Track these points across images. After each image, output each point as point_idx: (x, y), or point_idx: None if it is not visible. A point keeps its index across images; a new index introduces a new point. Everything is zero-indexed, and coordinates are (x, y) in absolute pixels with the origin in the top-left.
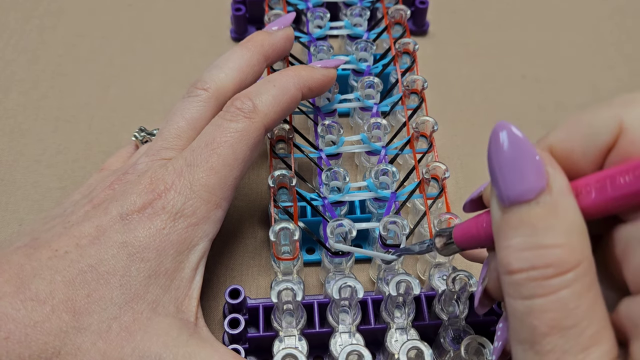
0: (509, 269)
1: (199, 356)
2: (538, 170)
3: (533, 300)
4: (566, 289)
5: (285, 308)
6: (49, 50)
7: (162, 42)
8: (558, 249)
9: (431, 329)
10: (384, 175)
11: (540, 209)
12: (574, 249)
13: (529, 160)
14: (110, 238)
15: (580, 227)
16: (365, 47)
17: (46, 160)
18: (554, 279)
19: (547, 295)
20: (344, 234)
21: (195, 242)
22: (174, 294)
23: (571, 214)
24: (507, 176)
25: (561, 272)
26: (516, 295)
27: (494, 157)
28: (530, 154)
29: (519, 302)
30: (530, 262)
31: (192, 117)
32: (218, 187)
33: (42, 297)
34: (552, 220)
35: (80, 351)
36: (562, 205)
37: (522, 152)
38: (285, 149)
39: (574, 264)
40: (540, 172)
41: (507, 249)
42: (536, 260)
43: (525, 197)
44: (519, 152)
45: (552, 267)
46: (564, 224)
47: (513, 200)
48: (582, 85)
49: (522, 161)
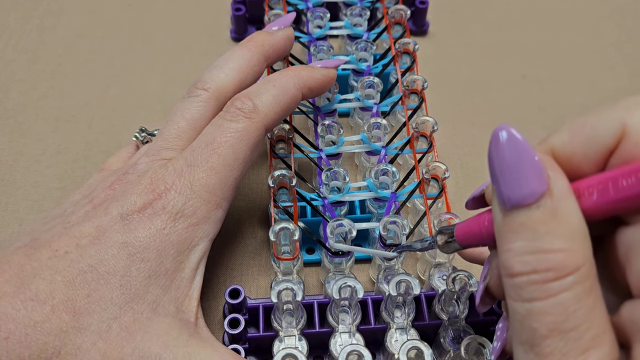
0: (510, 271)
1: (199, 356)
2: (539, 174)
3: (533, 303)
4: (566, 292)
5: (285, 308)
6: (49, 50)
7: (162, 42)
8: (559, 253)
9: (431, 329)
10: (384, 175)
11: (541, 213)
12: (575, 253)
13: (529, 163)
14: (111, 238)
15: (581, 230)
16: (365, 47)
17: (46, 160)
18: (554, 282)
19: (547, 298)
20: (344, 234)
21: (195, 242)
22: (174, 294)
23: (572, 218)
24: (507, 180)
25: (561, 275)
26: (517, 298)
27: (495, 160)
28: (530, 158)
29: (520, 304)
30: (531, 266)
31: (192, 117)
32: (218, 187)
33: (42, 297)
34: (552, 225)
35: (81, 351)
36: (563, 209)
37: (523, 156)
38: (285, 149)
39: (574, 267)
40: (541, 175)
41: (509, 252)
42: (537, 264)
43: (526, 201)
44: (520, 155)
45: (552, 271)
46: (564, 228)
47: (514, 204)
48: (582, 85)
49: (522, 165)
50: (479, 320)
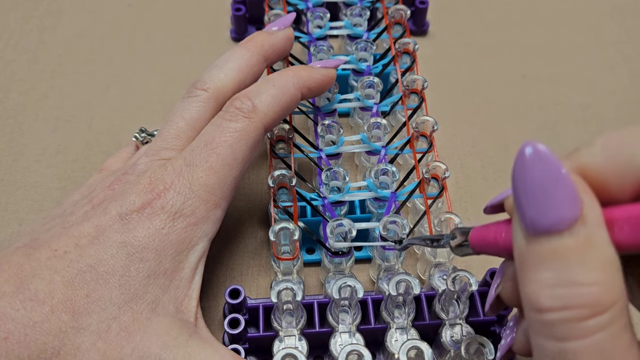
0: (538, 306)
1: (199, 356)
2: (571, 198)
3: (566, 343)
4: (602, 331)
5: (285, 308)
6: (49, 50)
7: (162, 42)
8: (594, 287)
9: (431, 328)
10: (383, 175)
11: (574, 242)
12: (610, 286)
13: (560, 185)
14: (110, 238)
15: (615, 262)
16: (365, 47)
17: (46, 160)
18: (590, 320)
19: (582, 338)
20: (344, 234)
21: (194, 242)
22: (174, 294)
23: (606, 248)
24: (534, 203)
25: (597, 312)
26: (547, 335)
27: (520, 180)
28: (562, 178)
29: (550, 342)
30: (564, 301)
31: (191, 117)
32: (217, 187)
33: (42, 297)
34: (586, 255)
35: (80, 351)
36: (598, 238)
37: (553, 176)
38: (285, 149)
39: (610, 303)
40: (574, 199)
41: (535, 284)
42: (570, 299)
43: (557, 228)
44: (549, 175)
45: (587, 307)
46: (599, 258)
47: (541, 231)
48: (582, 85)
49: (552, 186)
50: (480, 320)
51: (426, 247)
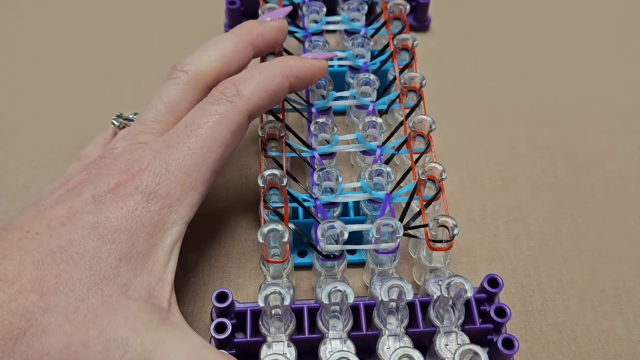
0: None
1: (168, 342)
2: None
3: None
4: None
5: (274, 313)
6: (42, 47)
7: (156, 36)
8: None
9: (426, 336)
10: (378, 176)
11: None
12: None
13: None
14: (82, 219)
15: None
16: (363, 42)
17: (38, 160)
18: None
19: None
20: (336, 236)
21: (169, 225)
22: (146, 277)
23: None
24: None
25: None
26: None
27: None
28: None
29: None
30: None
31: (170, 100)
32: (194, 168)
33: (10, 278)
34: None
35: (46, 332)
36: None
37: None
38: (277, 148)
39: None
40: None
41: None
42: None
43: None
44: None
45: None
46: None
47: None
48: (588, 81)
49: None
50: (475, 327)
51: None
